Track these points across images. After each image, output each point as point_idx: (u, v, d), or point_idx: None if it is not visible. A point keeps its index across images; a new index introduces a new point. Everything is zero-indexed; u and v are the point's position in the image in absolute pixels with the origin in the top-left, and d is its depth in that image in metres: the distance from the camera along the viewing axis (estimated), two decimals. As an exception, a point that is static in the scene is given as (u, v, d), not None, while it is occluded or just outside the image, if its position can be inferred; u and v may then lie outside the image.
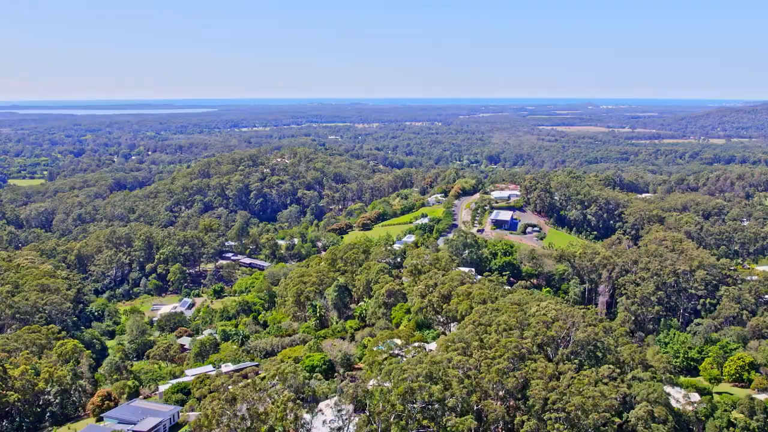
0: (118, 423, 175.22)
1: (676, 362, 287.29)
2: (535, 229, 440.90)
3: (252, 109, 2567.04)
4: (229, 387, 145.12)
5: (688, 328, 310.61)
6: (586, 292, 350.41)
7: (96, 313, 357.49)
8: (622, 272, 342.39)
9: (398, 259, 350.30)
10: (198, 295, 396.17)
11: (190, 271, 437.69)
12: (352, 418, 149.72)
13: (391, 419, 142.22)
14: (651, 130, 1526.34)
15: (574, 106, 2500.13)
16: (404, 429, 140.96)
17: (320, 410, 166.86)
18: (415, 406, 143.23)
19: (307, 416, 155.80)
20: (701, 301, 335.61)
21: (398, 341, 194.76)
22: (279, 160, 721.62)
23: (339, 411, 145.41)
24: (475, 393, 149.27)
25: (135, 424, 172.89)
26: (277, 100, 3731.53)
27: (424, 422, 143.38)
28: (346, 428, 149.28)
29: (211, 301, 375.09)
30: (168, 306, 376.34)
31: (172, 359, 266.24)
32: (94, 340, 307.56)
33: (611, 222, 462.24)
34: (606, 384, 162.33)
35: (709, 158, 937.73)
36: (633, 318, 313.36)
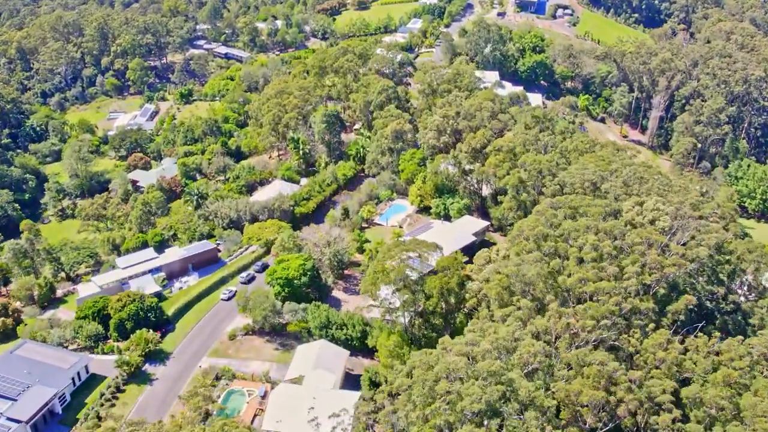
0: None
1: (751, 204, 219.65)
2: (567, 11, 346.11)
3: None
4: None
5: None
6: (634, 102, 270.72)
7: (38, 129, 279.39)
8: (683, 81, 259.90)
9: (404, 59, 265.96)
10: (163, 99, 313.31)
11: (155, 64, 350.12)
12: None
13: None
14: None
15: None
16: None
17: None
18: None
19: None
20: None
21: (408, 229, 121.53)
22: None
23: None
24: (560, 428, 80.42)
25: (15, 400, 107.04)
26: None
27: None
28: None
29: (178, 108, 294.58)
30: (127, 115, 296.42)
31: (113, 216, 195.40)
32: (27, 176, 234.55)
33: (656, 2, 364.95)
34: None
35: None
36: (696, 143, 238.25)
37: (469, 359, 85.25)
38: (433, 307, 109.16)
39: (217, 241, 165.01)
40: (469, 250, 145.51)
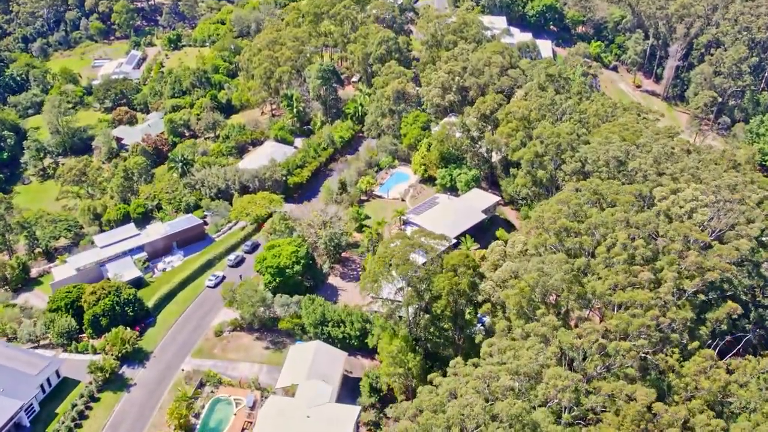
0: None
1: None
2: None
3: None
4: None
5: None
6: (649, 50, 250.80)
7: (18, 79, 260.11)
8: (702, 28, 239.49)
9: (405, 4, 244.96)
10: (151, 44, 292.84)
11: (142, 5, 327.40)
12: None
13: None
14: None
15: None
16: None
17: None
18: None
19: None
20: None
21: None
22: None
23: None
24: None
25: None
26: None
27: None
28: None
29: (166, 55, 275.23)
30: (113, 62, 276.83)
31: (94, 182, 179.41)
32: (6, 133, 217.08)
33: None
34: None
35: None
36: (715, 97, 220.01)
37: (486, 385, 72.68)
38: (441, 309, 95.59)
39: (205, 213, 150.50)
40: (479, 227, 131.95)
